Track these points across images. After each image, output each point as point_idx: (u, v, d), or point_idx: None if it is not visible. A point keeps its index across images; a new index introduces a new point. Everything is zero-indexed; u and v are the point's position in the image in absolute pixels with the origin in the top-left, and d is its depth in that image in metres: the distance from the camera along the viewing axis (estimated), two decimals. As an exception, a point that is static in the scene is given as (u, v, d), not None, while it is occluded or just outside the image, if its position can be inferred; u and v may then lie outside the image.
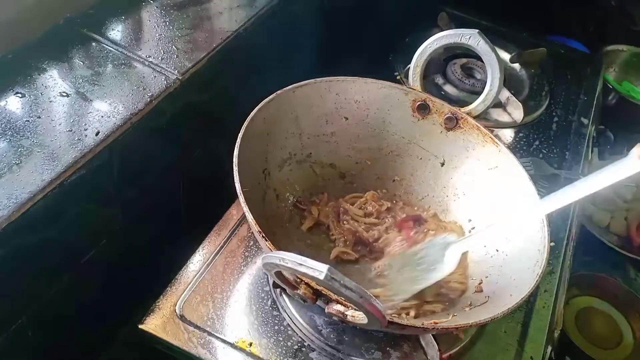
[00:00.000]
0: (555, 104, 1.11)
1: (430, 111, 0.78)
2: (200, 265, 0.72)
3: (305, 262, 0.45)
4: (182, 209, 0.81)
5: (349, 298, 0.45)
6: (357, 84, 0.78)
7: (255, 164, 0.71)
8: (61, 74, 0.70)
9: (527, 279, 0.60)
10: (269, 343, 0.66)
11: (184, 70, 0.75)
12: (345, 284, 0.45)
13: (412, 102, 0.79)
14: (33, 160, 0.59)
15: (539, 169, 0.95)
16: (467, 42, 0.75)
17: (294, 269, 0.46)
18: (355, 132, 0.80)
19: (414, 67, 0.80)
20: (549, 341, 0.74)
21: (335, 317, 0.54)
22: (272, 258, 0.48)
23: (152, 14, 0.83)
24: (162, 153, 0.75)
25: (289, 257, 0.47)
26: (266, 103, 0.71)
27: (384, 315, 0.49)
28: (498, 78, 0.76)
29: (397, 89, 0.79)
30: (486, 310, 0.62)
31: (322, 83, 0.77)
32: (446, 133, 0.78)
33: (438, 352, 0.64)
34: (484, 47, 0.75)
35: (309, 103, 0.76)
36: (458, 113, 0.77)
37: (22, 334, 0.62)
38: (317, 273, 0.44)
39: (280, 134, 0.75)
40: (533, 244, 0.64)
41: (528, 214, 0.66)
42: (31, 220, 0.56)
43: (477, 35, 0.75)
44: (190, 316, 0.67)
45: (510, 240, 0.69)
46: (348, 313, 0.53)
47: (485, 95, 0.78)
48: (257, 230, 0.57)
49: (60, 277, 0.65)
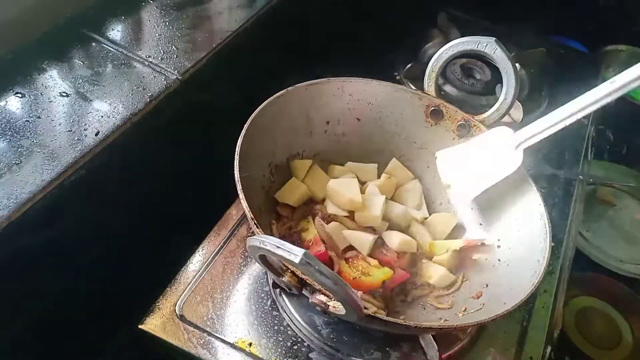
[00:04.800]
0: (555, 104, 1.10)
1: (443, 117, 0.78)
2: (200, 265, 0.73)
3: (282, 246, 0.45)
4: (182, 208, 0.81)
5: (324, 284, 0.46)
6: (371, 85, 0.78)
7: (261, 156, 0.71)
8: (61, 74, 0.70)
9: (523, 288, 0.60)
10: (268, 343, 0.66)
11: (183, 70, 0.75)
12: (320, 270, 0.45)
13: (425, 107, 0.78)
14: (33, 160, 0.59)
15: (538, 168, 0.95)
16: (484, 50, 0.74)
17: (271, 252, 0.46)
18: (367, 134, 0.80)
19: (430, 72, 0.79)
20: (548, 341, 0.74)
21: (318, 307, 0.54)
22: (254, 240, 0.49)
23: (152, 14, 0.83)
24: (162, 153, 0.75)
25: (268, 240, 0.47)
26: (275, 98, 0.71)
27: (360, 305, 0.49)
28: (514, 87, 0.74)
29: (411, 93, 0.79)
30: (484, 311, 0.62)
31: (336, 82, 0.76)
32: (458, 140, 0.78)
33: (437, 353, 0.64)
34: (501, 55, 0.74)
35: (321, 101, 0.76)
36: (471, 120, 0.77)
37: (22, 334, 0.62)
38: (293, 257, 0.44)
39: (289, 130, 0.75)
40: (533, 254, 0.64)
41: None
42: (31, 220, 0.56)
43: (494, 43, 0.73)
44: (190, 316, 0.67)
45: (513, 249, 0.69)
46: (330, 304, 0.53)
47: (500, 103, 0.76)
48: (250, 216, 0.57)
49: (60, 277, 0.65)
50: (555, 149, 1.02)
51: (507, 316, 0.56)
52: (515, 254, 0.68)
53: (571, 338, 1.18)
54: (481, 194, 0.74)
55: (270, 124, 0.71)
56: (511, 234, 0.70)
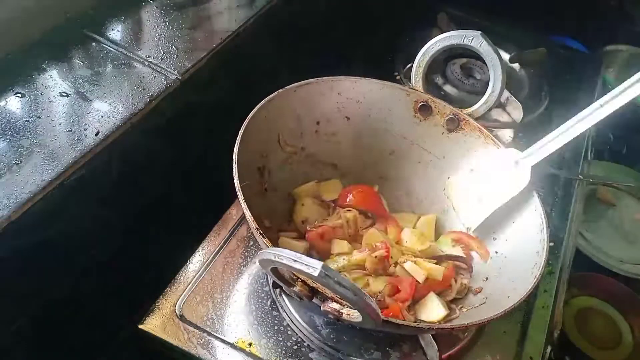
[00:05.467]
0: (555, 104, 1.11)
1: (432, 112, 0.78)
2: (200, 265, 0.72)
3: (300, 259, 0.45)
4: (182, 209, 0.81)
5: (344, 295, 0.45)
6: (359, 84, 0.78)
7: (255, 161, 0.71)
8: (61, 74, 0.70)
9: (525, 281, 0.60)
10: (268, 343, 0.66)
11: (183, 70, 0.75)
12: (340, 281, 0.44)
13: (414, 103, 0.79)
14: (33, 160, 0.59)
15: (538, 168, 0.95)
16: (470, 44, 0.75)
17: (289, 266, 0.46)
18: (357, 132, 0.80)
19: (417, 67, 0.80)
20: (548, 341, 0.74)
21: (331, 315, 0.54)
22: (267, 254, 0.48)
23: (152, 14, 0.83)
24: (162, 153, 0.75)
25: (284, 254, 0.46)
26: (267, 102, 0.71)
27: (378, 313, 0.49)
28: (500, 80, 0.76)
29: (399, 89, 0.79)
30: (483, 311, 0.62)
31: (324, 82, 0.76)
32: (447, 134, 0.78)
33: (437, 353, 0.64)
34: (487, 48, 0.75)
35: (311, 102, 0.76)
36: (460, 114, 0.77)
37: (22, 334, 0.62)
38: (312, 270, 0.44)
39: (281, 133, 0.75)
40: (532, 246, 0.64)
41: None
42: (31, 220, 0.56)
43: (480, 36, 0.74)
44: (190, 316, 0.67)
45: (509, 240, 0.69)
46: (343, 311, 0.53)
47: (487, 96, 0.78)
48: (255, 227, 0.57)
49: (60, 277, 0.65)
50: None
51: (507, 316, 0.56)
52: (513, 246, 0.68)
53: (571, 338, 1.18)
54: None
55: (262, 128, 0.71)
56: (506, 226, 0.70)
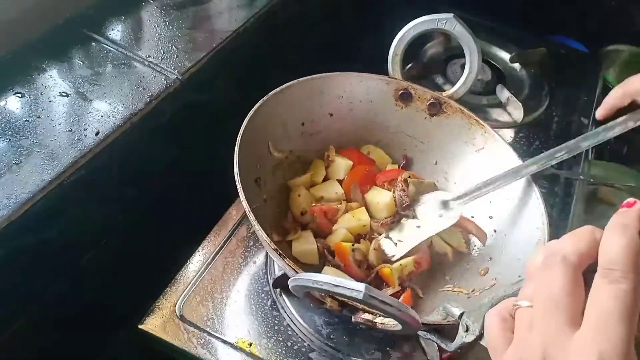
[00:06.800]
0: (555, 104, 1.11)
1: (412, 99, 0.79)
2: (200, 265, 0.72)
3: (341, 284, 0.44)
4: (182, 209, 0.81)
5: (389, 313, 0.45)
6: (337, 78, 0.78)
7: (251, 174, 0.70)
8: (61, 74, 0.70)
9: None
10: (268, 343, 0.66)
11: (183, 70, 0.75)
12: (385, 301, 0.44)
13: (394, 92, 0.79)
14: (33, 160, 0.59)
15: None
16: (444, 27, 0.75)
17: (330, 291, 0.45)
18: (341, 127, 0.80)
19: (393, 56, 0.79)
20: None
21: (363, 325, 0.54)
22: (304, 281, 0.47)
23: (152, 14, 0.83)
24: (162, 153, 0.75)
25: (323, 280, 0.46)
26: (256, 110, 0.69)
27: (419, 321, 0.48)
28: (477, 60, 0.76)
29: (378, 80, 0.79)
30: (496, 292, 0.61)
31: (304, 82, 0.76)
32: (430, 119, 0.79)
33: (438, 352, 0.63)
34: (460, 30, 0.75)
35: (294, 104, 0.76)
36: (441, 98, 0.78)
37: (22, 334, 0.62)
38: (356, 293, 0.43)
39: (270, 141, 0.74)
40: (531, 221, 0.65)
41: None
42: (31, 220, 0.56)
43: (453, 19, 0.75)
44: (190, 316, 0.67)
45: (506, 218, 0.69)
46: (377, 320, 0.53)
47: (465, 77, 0.78)
48: (267, 241, 0.56)
49: (60, 277, 0.65)
50: (555, 149, 1.02)
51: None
52: (511, 222, 0.69)
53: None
54: (465, 175, 0.76)
55: (253, 140, 0.69)
56: (500, 202, 0.71)
